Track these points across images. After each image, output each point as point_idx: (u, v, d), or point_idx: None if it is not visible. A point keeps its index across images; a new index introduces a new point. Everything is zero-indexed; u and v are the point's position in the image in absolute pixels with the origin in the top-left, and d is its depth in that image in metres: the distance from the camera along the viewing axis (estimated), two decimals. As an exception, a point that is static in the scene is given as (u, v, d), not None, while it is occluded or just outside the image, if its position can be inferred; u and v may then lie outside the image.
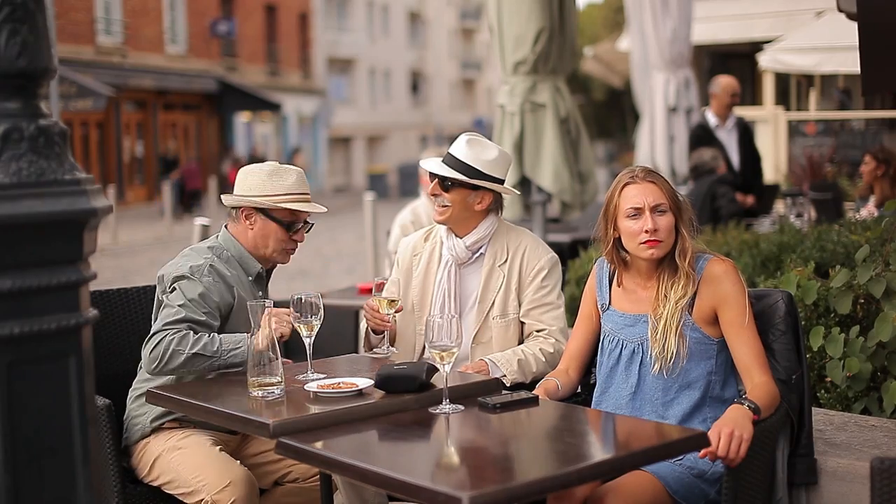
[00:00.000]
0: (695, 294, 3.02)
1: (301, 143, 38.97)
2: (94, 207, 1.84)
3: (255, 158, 33.64)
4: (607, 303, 3.22)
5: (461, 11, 58.67)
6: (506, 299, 3.62)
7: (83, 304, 1.86)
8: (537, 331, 3.60)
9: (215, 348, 3.24)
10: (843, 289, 3.93)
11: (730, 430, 2.72)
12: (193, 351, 3.22)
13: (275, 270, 3.68)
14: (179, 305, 3.30)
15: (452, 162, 3.61)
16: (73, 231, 1.83)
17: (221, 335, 3.30)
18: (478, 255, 3.67)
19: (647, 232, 3.02)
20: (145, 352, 3.27)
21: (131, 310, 3.80)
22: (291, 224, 3.49)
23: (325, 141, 42.66)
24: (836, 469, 3.16)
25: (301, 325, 3.13)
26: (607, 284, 3.23)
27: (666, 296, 3.03)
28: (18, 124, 1.80)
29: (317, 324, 3.14)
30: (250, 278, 3.49)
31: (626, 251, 3.11)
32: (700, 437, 2.62)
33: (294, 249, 3.56)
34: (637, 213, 3.04)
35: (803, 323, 3.39)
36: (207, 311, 3.33)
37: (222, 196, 3.57)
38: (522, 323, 3.64)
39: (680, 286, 3.01)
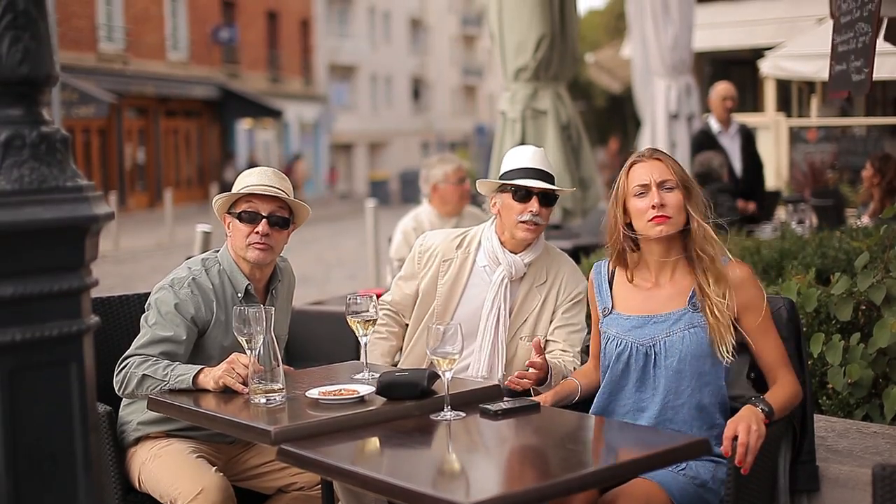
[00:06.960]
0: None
1: (302, 150, 38.98)
2: (96, 214, 1.84)
3: (253, 165, 33.64)
4: (609, 306, 3.13)
5: (462, 18, 58.69)
6: (538, 320, 3.55)
7: (85, 311, 1.86)
8: (561, 350, 3.53)
9: (165, 373, 3.21)
10: (843, 296, 3.93)
11: (747, 424, 2.73)
12: (144, 373, 3.23)
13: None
14: (150, 325, 3.34)
15: (548, 177, 3.47)
16: (75, 238, 1.83)
17: (178, 364, 3.26)
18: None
19: (654, 207, 2.93)
20: (115, 373, 3.31)
21: (133, 316, 3.79)
22: (250, 218, 3.40)
23: (327, 147, 42.69)
24: (838, 476, 3.16)
25: None
26: (607, 287, 3.15)
27: (705, 289, 2.95)
28: (20, 131, 1.80)
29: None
30: (240, 295, 3.44)
31: (636, 241, 3.01)
32: (701, 444, 2.62)
33: (259, 244, 3.38)
34: (644, 190, 2.97)
35: (804, 330, 3.38)
36: (178, 324, 3.32)
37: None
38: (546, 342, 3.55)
39: (714, 279, 2.95)
